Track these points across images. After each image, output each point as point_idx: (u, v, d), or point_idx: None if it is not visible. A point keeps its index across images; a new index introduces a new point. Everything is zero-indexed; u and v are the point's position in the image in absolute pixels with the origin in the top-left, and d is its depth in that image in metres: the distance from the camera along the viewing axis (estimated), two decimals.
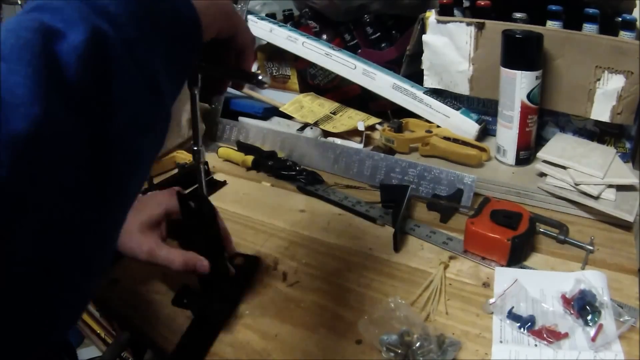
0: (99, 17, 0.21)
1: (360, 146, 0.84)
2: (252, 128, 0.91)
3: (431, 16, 0.81)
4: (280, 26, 0.96)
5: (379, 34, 0.96)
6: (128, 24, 0.22)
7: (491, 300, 0.50)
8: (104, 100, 0.20)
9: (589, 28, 0.69)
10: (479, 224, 0.57)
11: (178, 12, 0.25)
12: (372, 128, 0.87)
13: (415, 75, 0.88)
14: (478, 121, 0.82)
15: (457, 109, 0.82)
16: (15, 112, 0.17)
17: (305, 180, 0.76)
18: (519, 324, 0.47)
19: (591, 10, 0.69)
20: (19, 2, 1.03)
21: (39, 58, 0.18)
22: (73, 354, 0.42)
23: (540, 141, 0.76)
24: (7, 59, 0.18)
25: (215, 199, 0.76)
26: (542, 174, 0.69)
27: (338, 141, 0.85)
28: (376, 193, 0.71)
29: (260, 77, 0.36)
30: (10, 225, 0.17)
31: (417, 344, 0.44)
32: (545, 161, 0.69)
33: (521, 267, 0.56)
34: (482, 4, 0.76)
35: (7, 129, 0.17)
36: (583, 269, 0.55)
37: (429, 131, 0.81)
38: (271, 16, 1.06)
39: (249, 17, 0.97)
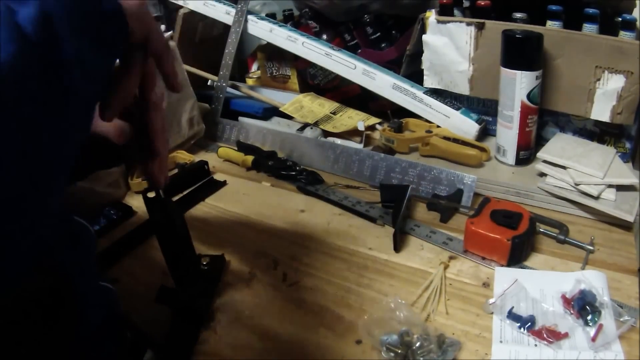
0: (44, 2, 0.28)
1: (360, 146, 0.84)
2: (252, 128, 0.91)
3: (431, 16, 0.81)
4: (280, 26, 0.96)
5: (379, 34, 0.96)
6: (63, 14, 0.28)
7: (491, 300, 0.50)
8: (55, 54, 0.27)
9: (589, 28, 0.69)
10: (479, 224, 0.57)
11: (105, 9, 0.32)
12: (372, 128, 0.87)
13: (415, 75, 0.88)
14: (478, 121, 0.82)
15: (457, 109, 0.82)
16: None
17: (305, 180, 0.76)
18: (519, 324, 0.47)
19: (591, 10, 0.69)
20: None
21: (7, 19, 0.25)
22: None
23: (540, 141, 0.76)
24: None
25: (215, 199, 0.76)
26: (542, 174, 0.69)
27: (338, 141, 0.85)
28: (376, 193, 0.71)
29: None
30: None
31: (417, 344, 0.44)
32: (545, 161, 0.69)
33: (521, 267, 0.56)
34: (482, 4, 0.76)
35: None
36: (583, 269, 0.55)
37: (429, 131, 0.81)
38: (271, 16, 1.06)
39: (249, 17, 0.97)
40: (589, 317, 0.46)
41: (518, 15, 0.75)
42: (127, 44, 0.35)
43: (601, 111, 0.69)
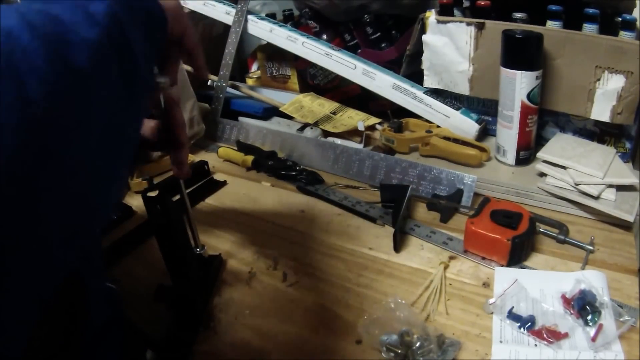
0: None
1: (360, 146, 0.84)
2: (252, 128, 0.91)
3: (431, 16, 0.81)
4: (280, 26, 0.96)
5: (379, 34, 0.96)
6: (125, 11, 0.32)
7: (491, 300, 0.50)
8: (123, 41, 0.30)
9: (589, 28, 0.69)
10: (479, 224, 0.57)
11: (151, 9, 0.36)
12: (372, 128, 0.87)
13: (415, 75, 0.88)
14: (478, 121, 0.82)
15: (457, 109, 0.82)
16: (81, 27, 0.27)
17: (305, 180, 0.76)
18: (519, 324, 0.47)
19: (591, 10, 0.69)
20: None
21: (84, 11, 0.28)
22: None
23: (540, 141, 0.76)
24: (55, 1, 0.28)
25: (215, 199, 0.76)
26: (542, 174, 0.69)
27: (338, 141, 0.85)
28: (376, 193, 0.71)
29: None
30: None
31: (417, 344, 0.44)
32: (545, 161, 0.69)
33: (521, 267, 0.56)
34: (482, 4, 0.76)
35: (82, 37, 0.27)
36: (583, 269, 0.55)
37: (429, 131, 0.81)
38: (271, 16, 1.06)
39: (249, 17, 0.97)
40: (589, 317, 0.46)
41: (518, 15, 0.75)
42: (167, 41, 0.40)
43: (601, 111, 0.69)
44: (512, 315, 0.48)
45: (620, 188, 0.63)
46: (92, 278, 0.38)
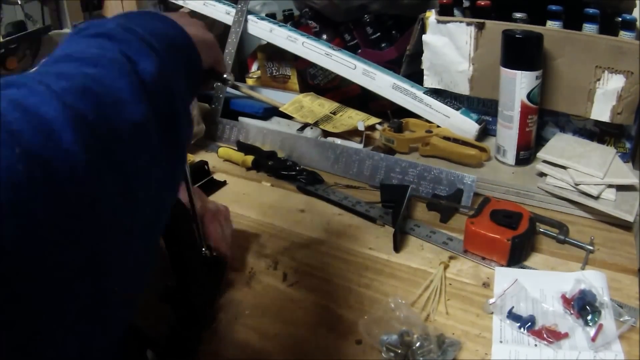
0: (153, 50, 0.29)
1: (360, 146, 0.84)
2: (252, 128, 0.91)
3: (431, 16, 0.81)
4: (280, 26, 0.96)
5: (379, 34, 0.96)
6: (166, 57, 0.31)
7: (491, 300, 0.50)
8: (172, 107, 0.30)
9: (589, 28, 0.69)
10: (479, 224, 0.57)
11: (186, 46, 0.35)
12: (372, 128, 0.87)
13: (415, 75, 0.88)
14: (478, 121, 0.82)
15: (457, 109, 0.82)
16: (128, 106, 0.26)
17: (305, 180, 0.76)
18: (519, 324, 0.47)
19: (591, 10, 0.69)
20: (19, 2, 1.03)
21: (131, 75, 0.27)
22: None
23: (540, 141, 0.76)
24: (99, 64, 0.26)
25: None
26: (542, 174, 0.69)
27: (338, 141, 0.85)
28: (376, 193, 0.71)
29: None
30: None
31: (417, 344, 0.44)
32: (545, 161, 0.69)
33: (521, 267, 0.56)
34: (482, 4, 0.76)
35: (126, 118, 0.25)
36: (583, 269, 0.55)
37: (429, 131, 0.81)
38: (271, 16, 1.06)
39: (249, 17, 0.97)
40: (589, 317, 0.46)
41: (518, 15, 0.75)
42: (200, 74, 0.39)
43: (601, 111, 0.69)
44: (512, 315, 0.48)
45: (620, 188, 0.63)
46: None
